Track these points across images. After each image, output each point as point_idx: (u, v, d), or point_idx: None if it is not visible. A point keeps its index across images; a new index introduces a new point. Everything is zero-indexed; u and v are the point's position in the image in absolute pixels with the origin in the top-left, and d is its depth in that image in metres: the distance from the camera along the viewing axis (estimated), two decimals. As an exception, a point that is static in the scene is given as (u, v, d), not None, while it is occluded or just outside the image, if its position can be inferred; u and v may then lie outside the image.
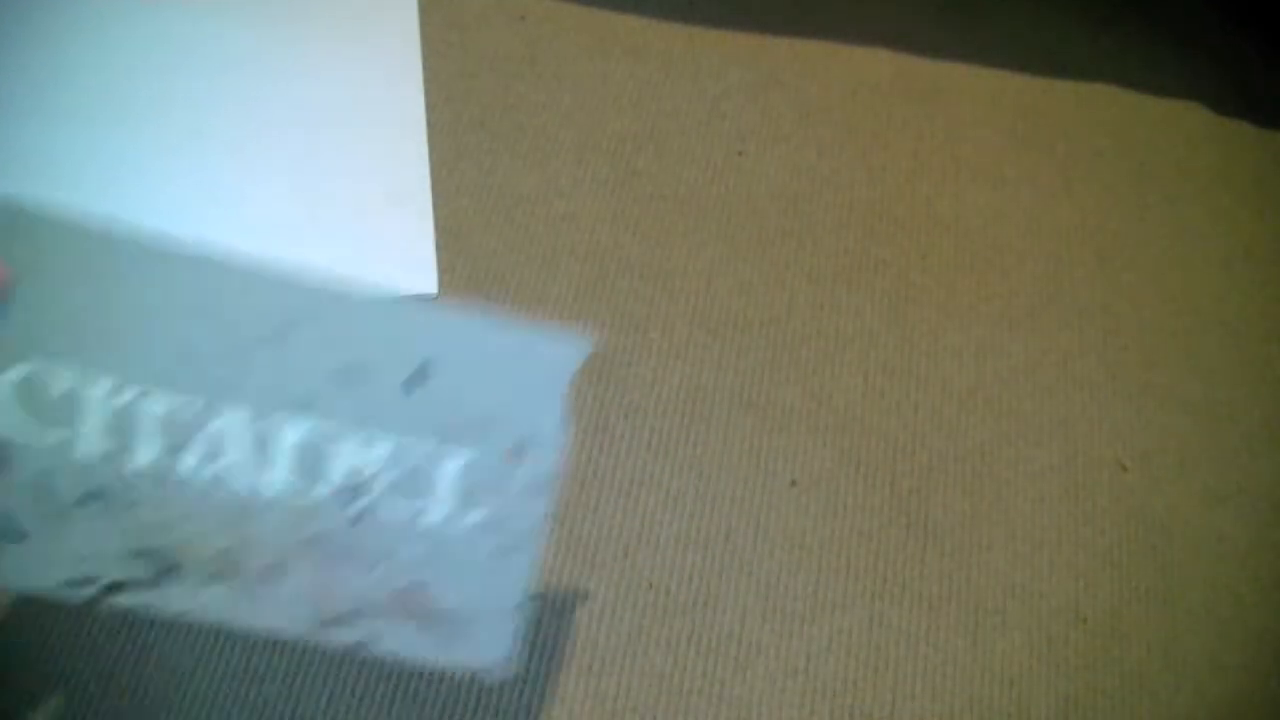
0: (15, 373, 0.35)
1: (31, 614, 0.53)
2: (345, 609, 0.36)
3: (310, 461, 0.36)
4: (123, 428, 0.35)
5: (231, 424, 0.36)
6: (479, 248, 0.67)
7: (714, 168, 0.71)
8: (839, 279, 0.67)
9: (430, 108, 0.73)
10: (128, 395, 0.36)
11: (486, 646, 0.37)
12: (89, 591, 0.35)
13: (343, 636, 0.36)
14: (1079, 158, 0.73)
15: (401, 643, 0.37)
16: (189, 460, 0.36)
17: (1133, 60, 0.79)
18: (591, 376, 0.62)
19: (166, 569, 0.35)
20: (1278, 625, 0.56)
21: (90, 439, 0.35)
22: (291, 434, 0.36)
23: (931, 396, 0.62)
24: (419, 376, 0.37)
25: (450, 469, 0.37)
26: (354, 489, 0.36)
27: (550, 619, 0.54)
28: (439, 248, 0.67)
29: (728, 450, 0.60)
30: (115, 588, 0.35)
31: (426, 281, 0.65)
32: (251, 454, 0.36)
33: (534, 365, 0.38)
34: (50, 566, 0.35)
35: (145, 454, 0.35)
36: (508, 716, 0.52)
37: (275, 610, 0.36)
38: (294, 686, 0.52)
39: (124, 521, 0.35)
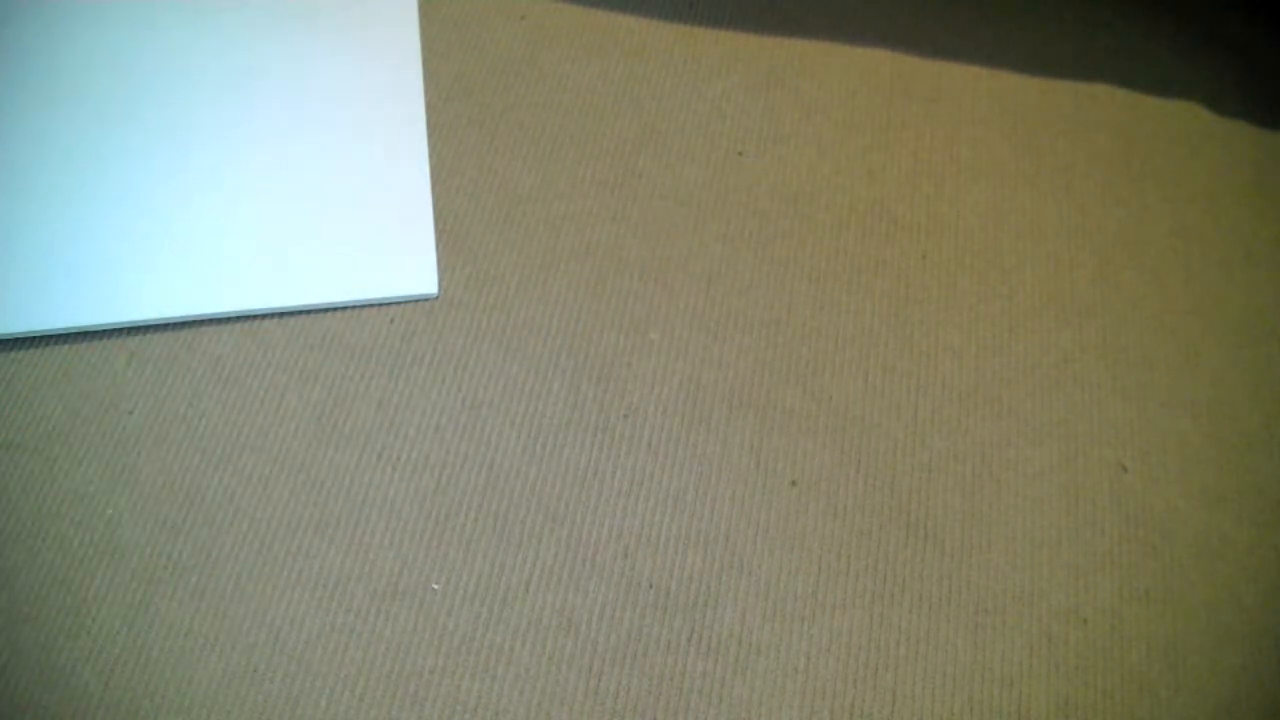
0: None
1: (31, 614, 0.53)
2: None
3: None
4: None
5: None
6: (479, 248, 0.67)
7: (714, 168, 0.71)
8: (839, 279, 0.67)
9: (430, 108, 0.73)
10: None
11: None
12: None
13: None
14: (1079, 158, 0.73)
15: None
16: None
17: (1132, 60, 0.79)
18: (591, 376, 0.62)
19: None
20: (1278, 625, 0.56)
21: None
22: None
23: (931, 396, 0.62)
24: None
25: None
26: None
27: (549, 617, 0.54)
28: (439, 248, 0.67)
29: (728, 450, 0.60)
30: None
31: (426, 282, 0.65)
32: None
33: None
34: None
35: None
36: (508, 717, 0.52)
37: None
38: (294, 686, 0.52)
39: None
